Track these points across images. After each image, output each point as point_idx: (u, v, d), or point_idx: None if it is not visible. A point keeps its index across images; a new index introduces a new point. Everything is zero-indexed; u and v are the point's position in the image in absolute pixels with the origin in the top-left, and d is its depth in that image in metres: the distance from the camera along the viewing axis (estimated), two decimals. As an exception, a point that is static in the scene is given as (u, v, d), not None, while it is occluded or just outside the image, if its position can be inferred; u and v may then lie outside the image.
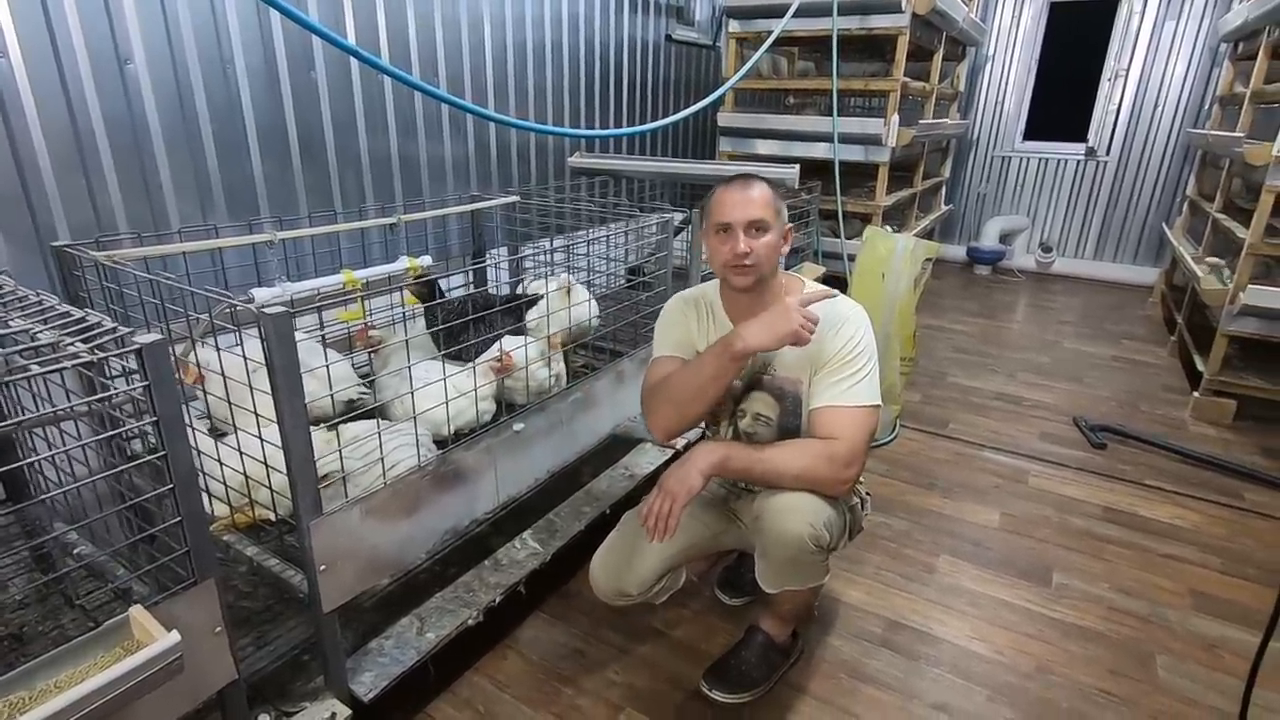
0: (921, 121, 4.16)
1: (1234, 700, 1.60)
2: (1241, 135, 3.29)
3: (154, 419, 0.94)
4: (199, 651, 1.03)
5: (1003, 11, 5.63)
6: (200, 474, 1.05)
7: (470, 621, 1.57)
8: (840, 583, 1.99)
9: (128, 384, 0.95)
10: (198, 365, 1.39)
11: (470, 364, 1.74)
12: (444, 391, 1.51)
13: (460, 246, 2.60)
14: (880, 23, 3.60)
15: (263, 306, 1.07)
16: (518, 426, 1.65)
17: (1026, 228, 5.84)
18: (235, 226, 1.84)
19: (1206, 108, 4.96)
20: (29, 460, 1.05)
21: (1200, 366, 3.20)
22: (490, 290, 2.47)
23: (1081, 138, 5.52)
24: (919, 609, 1.91)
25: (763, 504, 1.40)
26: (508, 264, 2.60)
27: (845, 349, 1.40)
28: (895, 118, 3.63)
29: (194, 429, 1.07)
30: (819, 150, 3.85)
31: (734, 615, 1.86)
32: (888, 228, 3.66)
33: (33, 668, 0.91)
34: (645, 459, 2.28)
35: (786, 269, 1.53)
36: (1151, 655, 1.77)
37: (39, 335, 0.94)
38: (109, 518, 1.32)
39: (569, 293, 2.10)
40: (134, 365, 0.93)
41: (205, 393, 1.43)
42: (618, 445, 2.32)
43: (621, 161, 3.32)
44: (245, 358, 1.18)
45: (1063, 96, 5.58)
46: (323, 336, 1.31)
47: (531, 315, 1.99)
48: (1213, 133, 4.00)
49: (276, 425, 1.14)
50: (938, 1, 3.61)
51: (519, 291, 2.13)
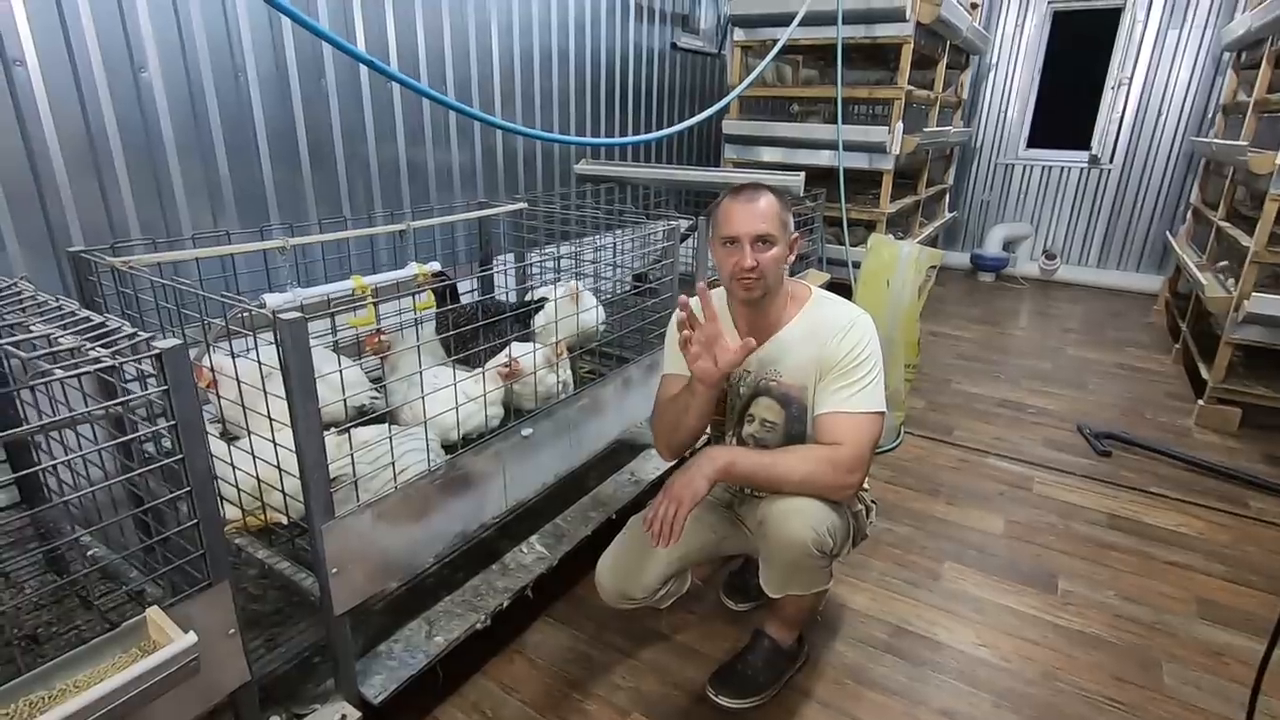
0: (925, 129, 4.18)
1: (1239, 708, 1.61)
2: (1245, 144, 3.30)
3: (172, 423, 0.95)
4: (213, 653, 1.04)
5: (1006, 19, 5.65)
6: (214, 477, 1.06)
7: (478, 625, 1.58)
8: (845, 588, 2.00)
9: (143, 388, 0.97)
10: (211, 370, 1.41)
11: (479, 369, 1.75)
12: (454, 396, 1.52)
13: (468, 253, 2.62)
14: (884, 31, 3.62)
15: (278, 312, 1.09)
16: (526, 431, 1.66)
17: (1030, 235, 5.85)
18: (246, 232, 1.86)
19: (1210, 116, 4.97)
20: (49, 464, 1.06)
21: (1205, 374, 3.21)
22: (498, 296, 2.48)
23: (1085, 145, 5.54)
24: (924, 615, 1.92)
25: (767, 509, 1.41)
26: (515, 270, 2.61)
27: (850, 355, 1.41)
28: (899, 125, 3.65)
29: (207, 433, 1.08)
30: (823, 157, 3.87)
31: (740, 620, 1.87)
32: (889, 236, 3.67)
33: (51, 668, 0.92)
34: (651, 464, 2.29)
35: (791, 275, 1.54)
36: (1157, 662, 1.77)
37: (60, 340, 0.96)
38: (121, 520, 1.34)
39: (578, 299, 2.11)
40: (151, 370, 0.94)
41: (218, 397, 1.44)
42: (624, 450, 2.33)
43: (627, 169, 3.34)
44: (260, 362, 1.19)
45: (1066, 104, 5.60)
46: (335, 342, 1.32)
47: (539, 320, 2.01)
48: (1216, 141, 4.01)
49: (288, 429, 1.16)
50: (941, 10, 3.63)
51: (528, 298, 2.15)
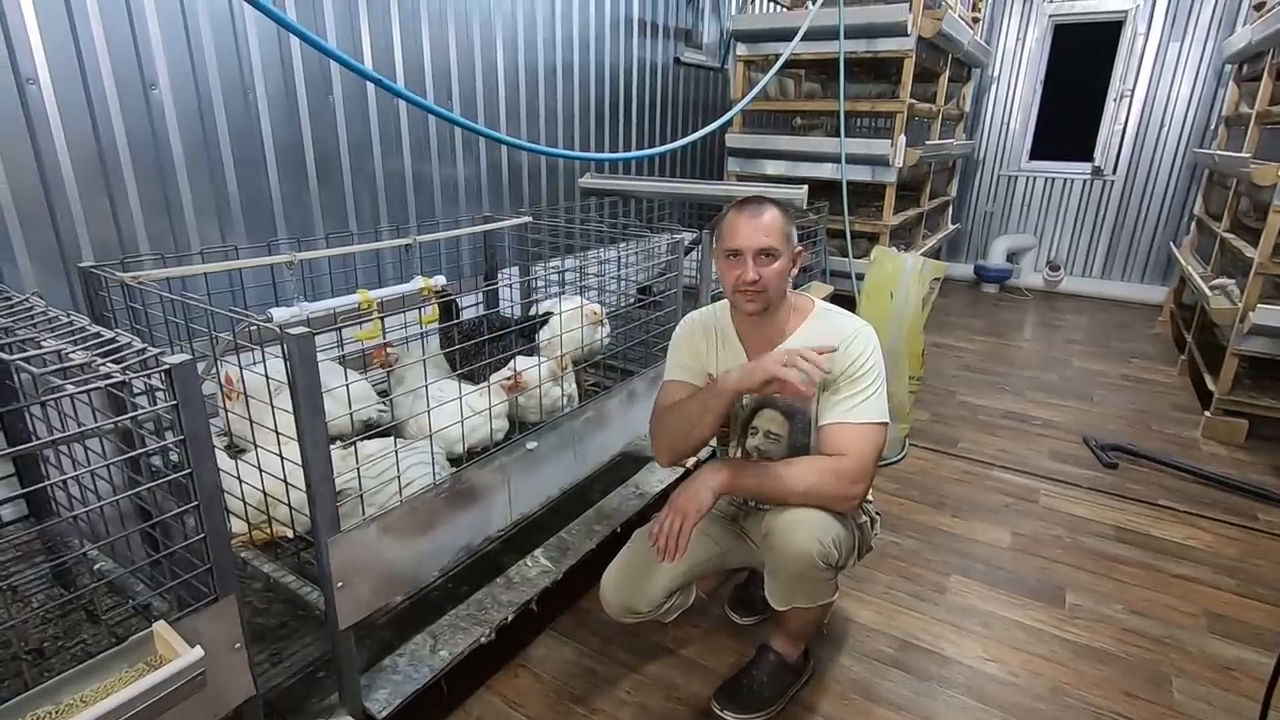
0: (928, 142, 4.20)
1: (1250, 723, 1.60)
2: (1248, 155, 3.31)
3: (180, 437, 0.96)
4: (220, 667, 1.04)
5: (1007, 33, 5.69)
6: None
7: (483, 639, 1.58)
8: (851, 602, 1.99)
9: (151, 403, 0.97)
10: (218, 382, 1.42)
11: (484, 383, 1.76)
12: (459, 410, 1.53)
13: (473, 266, 2.64)
14: (886, 45, 3.65)
15: (286, 326, 1.10)
16: (531, 445, 1.67)
17: (1033, 246, 5.86)
18: (254, 247, 1.88)
19: (1212, 128, 4.98)
20: (59, 479, 1.07)
21: (1211, 386, 3.20)
22: (503, 310, 2.50)
23: (1088, 157, 5.55)
24: (930, 629, 1.90)
25: (772, 521, 1.41)
26: (519, 284, 2.63)
27: (853, 367, 1.42)
28: (902, 138, 3.66)
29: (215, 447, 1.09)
30: (826, 170, 3.88)
31: (745, 634, 1.86)
32: (892, 248, 3.67)
33: (58, 683, 0.92)
34: (655, 477, 2.29)
35: (795, 287, 1.55)
36: (1166, 677, 1.75)
37: (71, 356, 0.97)
38: (129, 534, 1.34)
39: (600, 324, 2.12)
40: (160, 385, 0.95)
41: (225, 410, 1.45)
42: (628, 463, 2.33)
43: (631, 182, 3.36)
44: (268, 376, 1.20)
45: (1068, 116, 5.62)
46: (342, 356, 1.33)
47: (543, 335, 2.02)
48: (1219, 153, 4.02)
49: (295, 443, 1.17)
50: (943, 24, 3.66)
51: (533, 312, 2.16)
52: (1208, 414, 3.16)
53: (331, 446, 1.21)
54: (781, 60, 3.26)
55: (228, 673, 1.08)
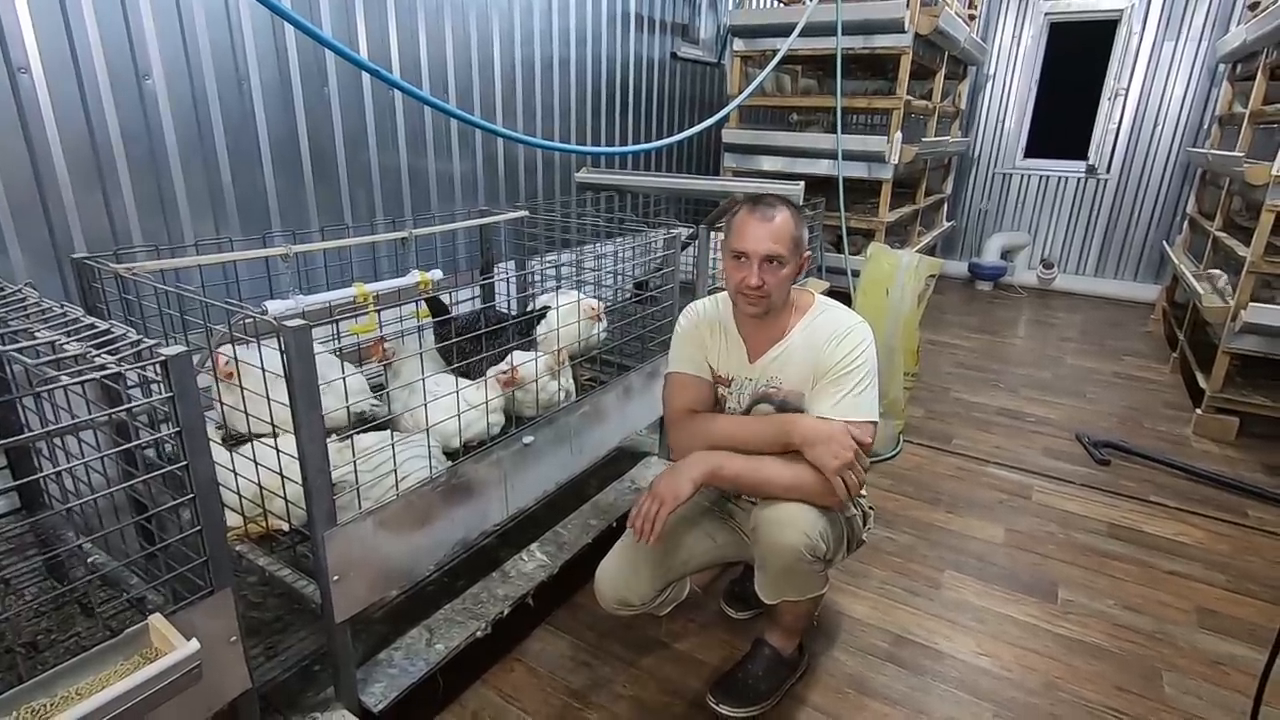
0: (924, 139, 4.20)
1: (1240, 717, 1.61)
2: (1241, 155, 3.33)
3: (176, 429, 0.95)
4: (215, 660, 1.04)
5: (1003, 31, 5.70)
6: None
7: (479, 633, 1.58)
8: (845, 597, 1.99)
9: (145, 394, 0.97)
10: (235, 359, 1.39)
11: (480, 378, 1.76)
12: (456, 404, 1.52)
13: (469, 261, 2.62)
14: (883, 42, 3.65)
15: (282, 319, 1.09)
16: (528, 439, 1.67)
17: (1027, 244, 5.88)
18: (248, 240, 1.86)
19: (1206, 127, 5.01)
20: (51, 471, 1.06)
21: (1202, 383, 3.22)
22: (498, 305, 2.49)
23: (1082, 155, 5.58)
24: (924, 624, 1.91)
25: (759, 515, 1.42)
26: (516, 279, 2.62)
27: (844, 362, 1.42)
28: (898, 135, 3.67)
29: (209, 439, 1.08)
30: (822, 167, 3.89)
31: (740, 629, 1.87)
32: (887, 245, 3.68)
33: (53, 675, 0.91)
34: (651, 472, 2.29)
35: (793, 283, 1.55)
36: (1158, 672, 1.77)
37: (65, 347, 0.96)
38: (123, 527, 1.34)
39: (597, 319, 2.12)
40: (155, 376, 0.94)
41: (221, 403, 1.44)
42: (624, 458, 2.33)
43: (627, 177, 3.36)
44: (264, 369, 1.20)
45: (1063, 115, 5.64)
46: (339, 349, 1.33)
47: (540, 329, 2.01)
48: (1213, 152, 4.04)
49: (291, 435, 1.16)
50: (940, 22, 3.66)
51: (530, 307, 2.15)
52: (1199, 411, 3.19)
53: (327, 440, 1.20)
54: (779, 56, 3.25)
55: (223, 666, 1.07)
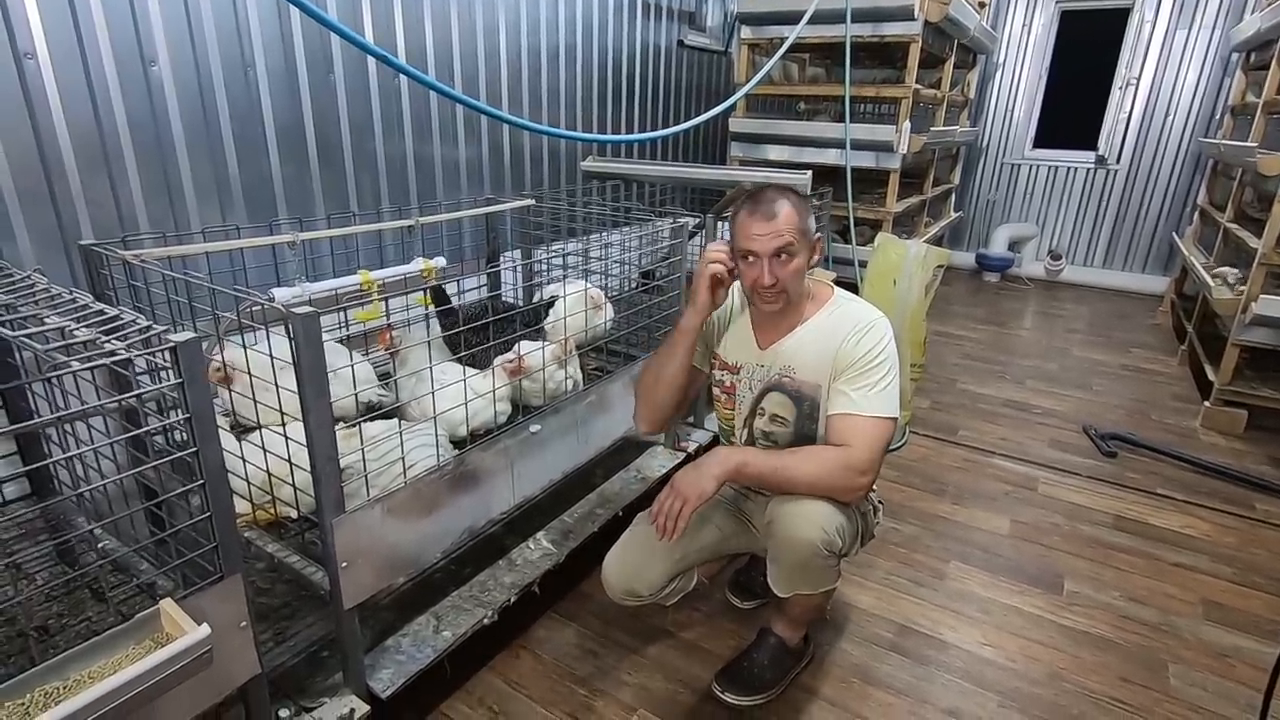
0: (932, 128, 4.17)
1: (1246, 710, 1.62)
2: (1254, 145, 3.29)
3: (185, 416, 0.95)
4: (225, 645, 1.05)
5: (1014, 19, 5.64)
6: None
7: (485, 621, 1.58)
8: (850, 587, 2.00)
9: (154, 381, 0.97)
10: (223, 365, 1.41)
11: (487, 366, 1.76)
12: (463, 392, 1.52)
13: (474, 249, 2.62)
14: (893, 30, 3.61)
15: (290, 306, 1.09)
16: (535, 428, 1.67)
17: (1035, 235, 5.84)
18: (254, 227, 1.86)
19: (1218, 117, 4.95)
20: (61, 457, 1.07)
21: (1211, 376, 3.20)
22: (504, 294, 2.49)
23: (1092, 146, 5.52)
24: (929, 614, 1.92)
25: (775, 509, 1.41)
26: (521, 267, 2.61)
27: (867, 357, 1.40)
28: (906, 124, 3.64)
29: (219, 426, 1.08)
30: (830, 156, 3.86)
31: (745, 618, 1.87)
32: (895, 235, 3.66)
33: (65, 659, 0.92)
34: (657, 462, 2.29)
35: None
36: (1163, 664, 1.77)
37: (74, 333, 0.96)
38: (133, 513, 1.34)
39: (601, 308, 2.11)
40: (164, 363, 0.94)
41: (230, 390, 1.44)
42: (630, 448, 2.33)
43: (634, 166, 3.34)
44: (272, 356, 1.20)
45: (1073, 104, 5.58)
46: (346, 336, 1.33)
47: (550, 319, 2.01)
48: (1225, 142, 4.00)
49: (299, 423, 1.16)
50: (950, 9, 3.62)
51: (537, 296, 2.15)
52: (1207, 404, 3.17)
53: (335, 427, 1.20)
54: (787, 44, 3.22)
55: (233, 651, 1.08)
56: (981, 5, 4.91)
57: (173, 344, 0.91)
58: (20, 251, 1.65)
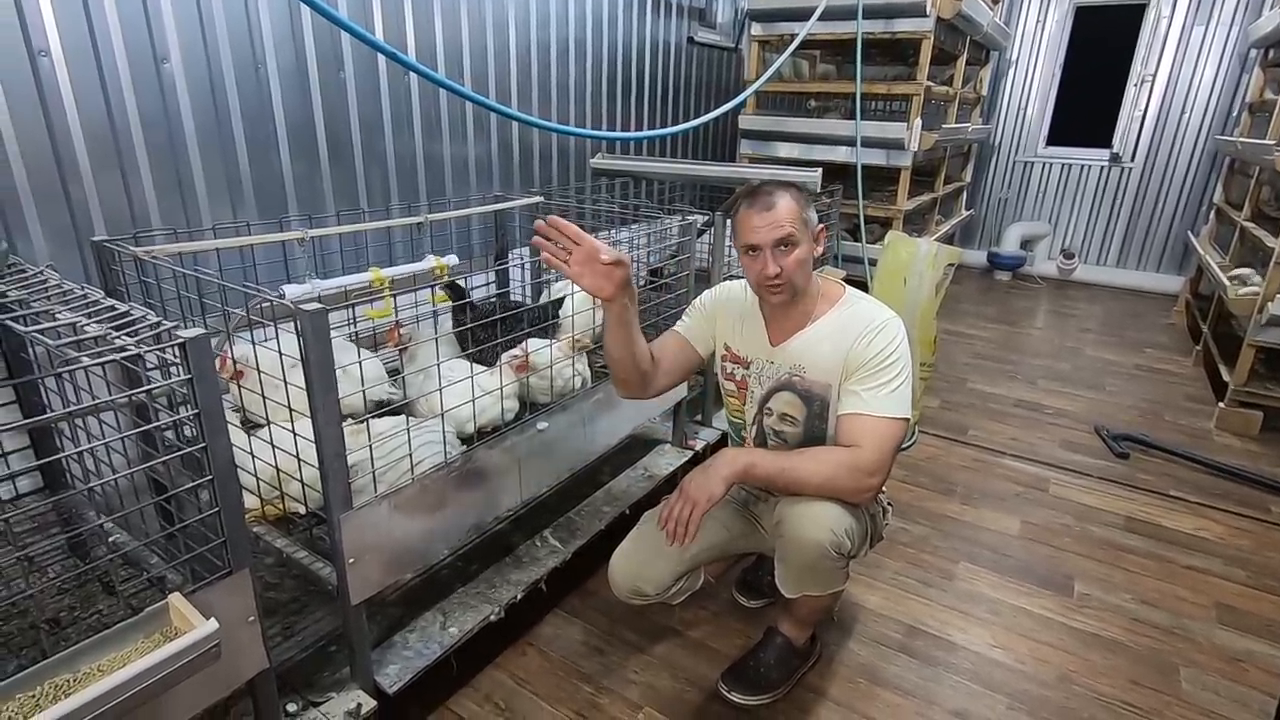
0: (944, 126, 4.14)
1: (1259, 715, 1.60)
2: (1272, 143, 3.25)
3: (195, 411, 0.96)
4: (234, 639, 1.05)
5: (1027, 15, 5.58)
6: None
7: (492, 617, 1.59)
8: (859, 587, 1.99)
9: (164, 376, 0.97)
10: (234, 361, 1.42)
11: (495, 363, 1.76)
12: (470, 389, 1.53)
13: (483, 246, 2.62)
14: (904, 26, 3.58)
15: (299, 303, 1.09)
16: (542, 425, 1.67)
17: (1048, 234, 5.79)
18: (265, 224, 1.87)
19: (1235, 114, 4.89)
20: (73, 451, 1.08)
21: (1226, 377, 3.16)
22: (512, 291, 2.49)
23: (1106, 143, 5.46)
24: (938, 615, 1.90)
25: (784, 510, 1.41)
26: (530, 265, 2.62)
27: (879, 357, 1.39)
28: (918, 122, 3.61)
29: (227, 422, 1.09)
30: (840, 154, 3.84)
31: (752, 617, 1.87)
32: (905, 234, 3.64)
33: (75, 652, 0.93)
34: (664, 460, 2.29)
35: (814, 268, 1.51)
36: (1175, 667, 1.75)
37: (86, 328, 0.97)
38: (143, 507, 1.35)
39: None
40: (174, 358, 0.95)
41: (240, 386, 1.45)
42: (637, 446, 2.33)
43: (642, 163, 3.33)
44: (281, 352, 1.20)
45: (1087, 102, 5.53)
46: (355, 333, 1.33)
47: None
48: (1242, 140, 3.94)
49: (307, 419, 1.17)
50: (962, 5, 3.59)
51: (546, 293, 2.15)
52: (1222, 405, 3.13)
53: (343, 424, 1.21)
54: (797, 41, 3.21)
55: (241, 645, 1.09)
56: (994, 1, 4.87)
57: (182, 340, 0.92)
58: (34, 248, 1.66)
